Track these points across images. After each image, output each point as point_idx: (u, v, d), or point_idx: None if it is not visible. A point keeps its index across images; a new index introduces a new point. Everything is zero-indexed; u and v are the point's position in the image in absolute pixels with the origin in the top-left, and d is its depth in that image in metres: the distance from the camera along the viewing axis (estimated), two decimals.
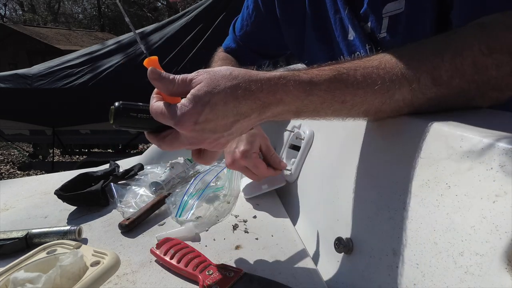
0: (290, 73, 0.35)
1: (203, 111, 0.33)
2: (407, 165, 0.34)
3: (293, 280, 0.42)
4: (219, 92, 0.33)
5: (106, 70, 2.92)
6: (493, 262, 0.23)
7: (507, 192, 0.23)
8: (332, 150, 0.55)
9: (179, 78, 0.35)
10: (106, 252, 0.46)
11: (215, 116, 0.33)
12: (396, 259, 0.32)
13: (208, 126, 0.34)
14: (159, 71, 0.36)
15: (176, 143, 0.36)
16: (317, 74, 0.35)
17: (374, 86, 0.34)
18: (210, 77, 0.34)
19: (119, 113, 0.37)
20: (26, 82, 2.89)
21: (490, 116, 0.35)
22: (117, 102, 0.37)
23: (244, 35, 0.81)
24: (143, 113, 0.37)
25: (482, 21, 0.37)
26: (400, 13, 0.48)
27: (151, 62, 0.37)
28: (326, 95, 0.34)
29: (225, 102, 0.33)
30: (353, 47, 0.57)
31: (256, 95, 0.33)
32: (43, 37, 11.51)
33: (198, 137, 0.35)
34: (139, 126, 0.39)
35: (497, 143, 0.26)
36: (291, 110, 0.35)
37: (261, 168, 0.60)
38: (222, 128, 0.34)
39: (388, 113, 0.38)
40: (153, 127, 0.38)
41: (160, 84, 0.36)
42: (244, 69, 0.35)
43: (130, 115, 0.37)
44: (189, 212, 0.61)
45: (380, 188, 0.37)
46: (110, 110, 0.37)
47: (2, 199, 0.73)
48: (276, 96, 0.34)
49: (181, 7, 7.60)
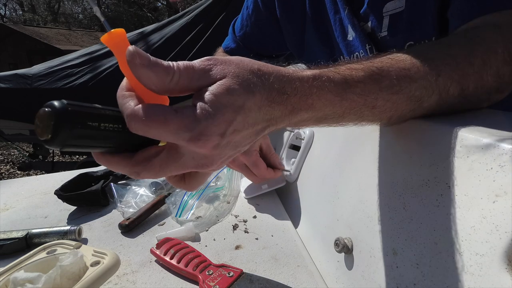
0: (324, 73, 0.28)
1: (234, 119, 0.24)
2: (407, 165, 0.34)
3: (293, 280, 0.42)
4: (255, 93, 0.24)
5: (106, 70, 2.91)
6: (493, 262, 0.23)
7: (507, 192, 0.23)
8: (332, 150, 0.55)
9: (180, 67, 0.24)
10: (106, 252, 0.46)
11: (246, 125, 0.25)
12: (396, 259, 0.32)
13: (234, 139, 0.25)
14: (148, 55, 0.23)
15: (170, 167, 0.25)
16: (350, 75, 0.29)
17: (409, 92, 0.30)
18: (236, 71, 0.25)
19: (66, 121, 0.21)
20: (26, 82, 2.89)
21: (490, 116, 0.35)
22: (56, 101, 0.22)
23: (244, 35, 0.80)
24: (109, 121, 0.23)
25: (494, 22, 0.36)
26: (401, 12, 0.48)
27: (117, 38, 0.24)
28: (359, 99, 0.29)
29: (260, 106, 0.25)
30: (352, 47, 0.57)
31: (290, 99, 0.26)
32: (43, 37, 11.51)
33: (215, 156, 0.25)
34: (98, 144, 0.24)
35: (497, 143, 0.26)
36: (317, 117, 0.29)
37: (260, 167, 0.57)
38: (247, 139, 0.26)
39: (408, 118, 0.34)
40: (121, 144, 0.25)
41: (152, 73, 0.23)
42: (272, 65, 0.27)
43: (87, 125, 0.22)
44: (189, 212, 0.61)
45: (380, 188, 0.37)
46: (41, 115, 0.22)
47: (2, 199, 0.73)
48: (308, 101, 0.27)
49: (181, 7, 7.60)
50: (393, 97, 0.30)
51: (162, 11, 16.82)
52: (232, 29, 0.84)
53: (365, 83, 0.29)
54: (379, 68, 0.31)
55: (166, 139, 0.24)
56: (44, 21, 19.45)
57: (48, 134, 0.21)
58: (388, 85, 0.30)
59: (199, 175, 0.30)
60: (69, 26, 17.15)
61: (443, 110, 0.35)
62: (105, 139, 0.23)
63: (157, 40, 3.01)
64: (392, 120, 0.34)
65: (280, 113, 0.26)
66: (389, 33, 0.51)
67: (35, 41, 11.21)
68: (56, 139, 0.21)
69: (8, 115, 2.98)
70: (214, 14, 2.99)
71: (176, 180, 0.30)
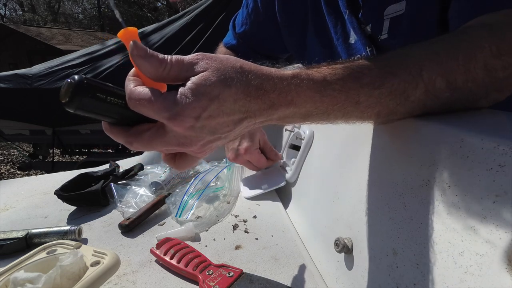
0: (303, 72, 0.31)
1: (209, 106, 0.27)
2: (407, 165, 0.34)
3: (293, 280, 0.42)
4: (231, 86, 0.27)
5: (106, 70, 2.92)
6: (493, 262, 0.23)
7: (507, 192, 0.23)
8: (332, 150, 0.55)
9: (172, 59, 0.28)
10: (106, 252, 0.46)
11: (220, 114, 0.28)
12: (396, 259, 0.32)
13: (209, 124, 0.28)
14: (145, 47, 0.28)
15: (156, 141, 0.29)
16: (330, 73, 0.32)
17: (391, 86, 0.32)
18: (218, 66, 0.28)
19: (81, 90, 0.27)
20: (26, 82, 2.89)
21: (490, 116, 0.35)
22: (77, 75, 0.27)
23: (243, 32, 0.81)
24: (115, 96, 0.28)
25: (487, 21, 0.36)
26: (401, 15, 0.48)
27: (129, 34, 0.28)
28: (340, 95, 0.31)
29: (235, 99, 0.28)
30: (354, 50, 0.57)
31: (268, 95, 0.29)
32: (43, 37, 11.51)
33: (193, 137, 0.29)
34: (104, 113, 0.29)
35: (497, 143, 0.26)
36: (300, 113, 0.31)
37: (262, 161, 0.71)
38: (224, 127, 0.29)
39: (400, 115, 0.35)
40: (123, 117, 0.30)
41: (147, 63, 0.28)
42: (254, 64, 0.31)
43: (97, 96, 0.27)
44: (189, 212, 0.61)
45: (380, 188, 0.37)
46: (65, 84, 0.27)
47: (2, 199, 0.73)
48: (288, 98, 0.30)
49: (181, 7, 7.60)
50: (374, 92, 0.32)
51: (162, 11, 16.82)
52: (232, 25, 0.85)
53: (345, 80, 0.31)
54: (359, 66, 0.32)
55: (152, 116, 0.28)
56: (44, 21, 19.45)
57: (66, 98, 0.27)
58: (369, 81, 0.32)
59: (188, 157, 0.34)
60: (69, 26, 17.15)
61: (439, 107, 0.35)
62: (110, 110, 0.29)
63: (157, 40, 3.01)
64: (382, 116, 0.35)
65: (258, 107, 0.29)
66: (390, 35, 0.51)
67: (35, 41, 11.21)
68: (71, 103, 0.27)
69: (8, 115, 2.98)
70: (214, 14, 2.99)
71: (168, 158, 0.34)
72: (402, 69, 0.33)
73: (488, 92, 0.35)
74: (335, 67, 0.32)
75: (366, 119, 0.35)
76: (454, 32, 0.37)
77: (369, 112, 0.33)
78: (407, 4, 0.47)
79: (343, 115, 0.33)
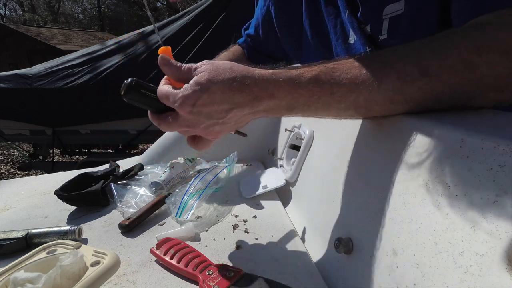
0: (281, 70, 0.38)
1: (202, 96, 0.36)
2: (407, 165, 0.34)
3: (293, 280, 0.42)
4: (218, 81, 0.36)
5: (106, 70, 2.91)
6: (493, 262, 0.23)
7: (507, 192, 0.23)
8: (332, 150, 0.55)
9: (185, 66, 0.39)
10: (106, 252, 0.46)
11: (212, 102, 0.36)
12: (396, 259, 0.32)
13: (204, 110, 0.37)
14: (168, 57, 0.40)
15: (174, 123, 0.39)
16: (306, 70, 0.37)
17: (359, 76, 0.36)
18: (212, 68, 0.37)
19: (131, 87, 0.40)
20: (26, 82, 2.89)
21: (491, 116, 0.35)
22: (130, 78, 0.40)
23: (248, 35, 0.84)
24: (151, 92, 0.41)
25: (476, 21, 0.37)
26: (400, 15, 0.48)
27: (164, 50, 0.42)
28: (314, 88, 0.36)
29: (222, 91, 0.36)
30: (353, 50, 0.57)
31: (250, 89, 0.36)
32: (43, 37, 11.51)
33: (194, 120, 0.38)
34: (145, 103, 0.41)
35: (497, 143, 0.26)
36: (283, 105, 0.37)
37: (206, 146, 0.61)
38: (217, 114, 0.37)
39: (381, 105, 0.37)
40: (157, 107, 0.41)
41: (169, 69, 0.40)
42: (244, 66, 0.38)
43: (140, 92, 0.40)
44: (189, 212, 0.61)
45: (380, 188, 0.37)
46: (123, 83, 0.41)
47: (2, 199, 0.73)
48: (268, 91, 0.36)
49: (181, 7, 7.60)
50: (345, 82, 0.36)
51: (162, 11, 16.82)
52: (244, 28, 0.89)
53: (319, 75, 0.37)
54: (333, 63, 0.38)
55: (169, 105, 0.39)
56: (44, 21, 19.45)
57: (122, 92, 0.40)
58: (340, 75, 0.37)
59: (202, 140, 0.44)
60: (69, 26, 17.15)
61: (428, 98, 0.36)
62: (149, 102, 0.41)
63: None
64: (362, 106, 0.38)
65: (243, 99, 0.36)
66: (389, 35, 0.50)
67: (35, 41, 11.21)
68: (125, 95, 0.40)
69: (8, 115, 2.98)
70: (214, 14, 2.99)
71: (190, 141, 0.45)
72: (373, 61, 0.37)
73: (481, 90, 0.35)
74: (313, 64, 0.38)
75: (347, 110, 0.39)
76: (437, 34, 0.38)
77: (346, 102, 0.37)
78: (406, 4, 0.47)
79: (323, 107, 0.38)
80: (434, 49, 0.35)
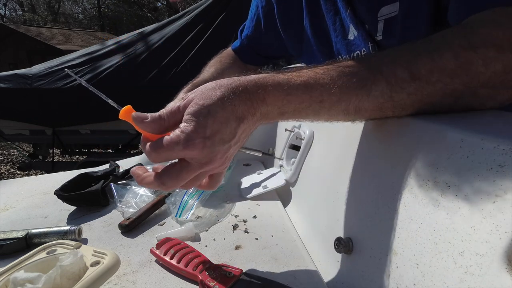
0: (268, 75, 0.35)
1: (207, 123, 0.31)
2: (407, 165, 0.34)
3: (293, 280, 0.42)
4: (214, 100, 0.32)
5: (106, 70, 2.91)
6: (493, 262, 0.23)
7: (507, 192, 0.23)
8: (332, 150, 0.55)
9: (167, 111, 0.34)
10: (106, 252, 0.46)
11: (220, 125, 0.32)
12: (396, 259, 0.32)
13: (217, 137, 0.32)
14: (143, 114, 0.34)
15: (183, 173, 0.33)
16: (295, 75, 0.35)
17: (349, 83, 0.34)
18: (200, 92, 0.33)
19: None
20: (26, 82, 2.89)
21: (490, 116, 0.35)
22: None
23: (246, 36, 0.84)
24: None
25: (470, 19, 0.37)
26: (395, 16, 0.48)
27: (127, 111, 0.35)
28: (303, 95, 0.34)
29: (222, 107, 0.32)
30: (353, 46, 0.57)
31: (245, 96, 0.33)
32: (43, 37, 11.51)
33: (210, 153, 0.32)
34: None
35: (497, 143, 0.26)
36: (275, 111, 0.35)
37: None
38: (228, 135, 0.33)
39: (371, 111, 0.37)
40: None
41: (154, 124, 0.34)
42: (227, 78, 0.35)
43: None
44: (189, 212, 0.61)
45: (380, 188, 0.37)
46: None
47: (2, 199, 0.73)
48: (260, 96, 0.34)
49: (181, 7, 7.60)
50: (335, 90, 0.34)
51: (162, 11, 16.82)
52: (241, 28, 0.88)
53: (308, 82, 0.34)
54: (323, 69, 0.36)
55: (171, 156, 0.32)
56: (44, 21, 19.45)
57: None
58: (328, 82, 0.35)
59: (214, 176, 0.39)
60: (69, 26, 17.15)
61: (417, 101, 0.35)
62: None
63: (157, 40, 3.01)
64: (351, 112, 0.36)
65: (243, 109, 0.33)
66: (384, 37, 0.51)
67: (35, 41, 11.21)
68: None
69: (8, 115, 2.98)
70: (214, 14, 2.99)
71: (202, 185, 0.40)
72: (362, 67, 0.35)
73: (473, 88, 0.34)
74: (301, 70, 0.36)
75: (337, 116, 0.37)
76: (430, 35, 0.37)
77: (335, 109, 0.36)
78: (400, 5, 0.47)
79: (313, 112, 0.36)
80: (422, 51, 0.34)
